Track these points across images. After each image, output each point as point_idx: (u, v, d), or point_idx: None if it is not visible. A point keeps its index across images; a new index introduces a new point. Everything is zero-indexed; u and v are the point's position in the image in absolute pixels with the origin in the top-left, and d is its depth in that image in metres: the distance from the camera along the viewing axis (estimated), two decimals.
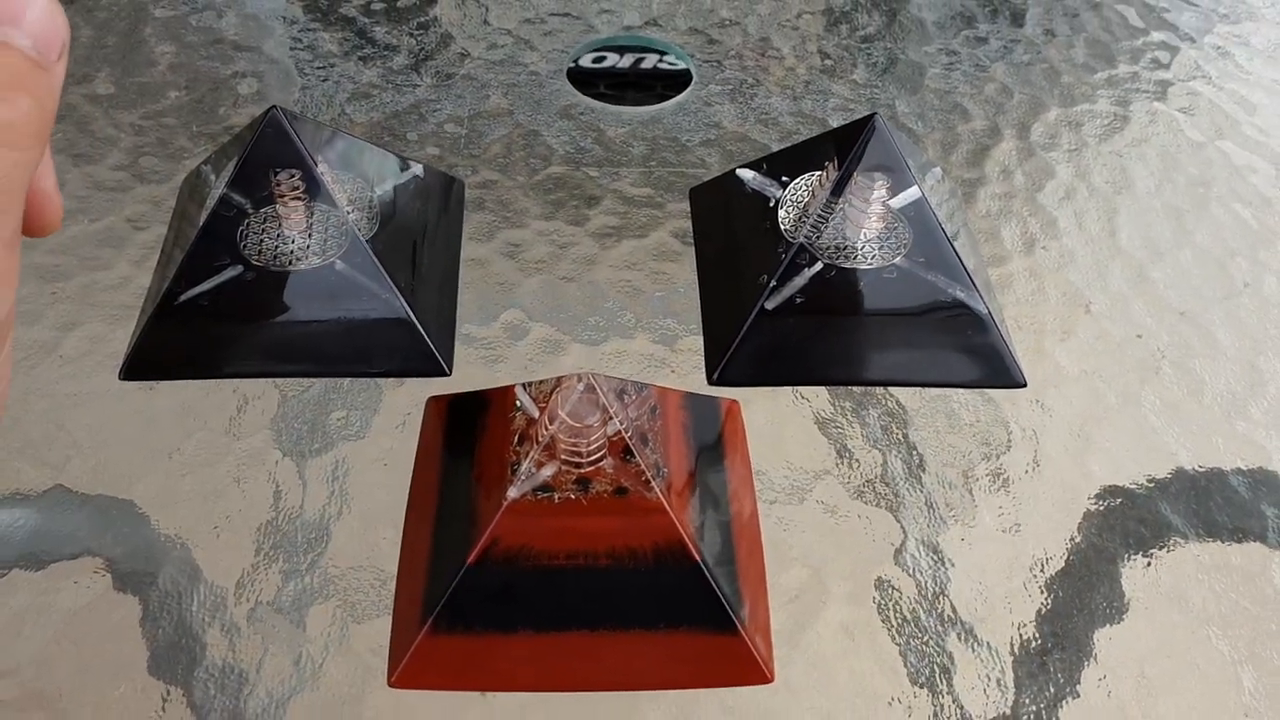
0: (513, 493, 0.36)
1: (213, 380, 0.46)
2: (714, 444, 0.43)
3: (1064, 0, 0.71)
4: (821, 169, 0.49)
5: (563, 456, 0.37)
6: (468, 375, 0.47)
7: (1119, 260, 0.54)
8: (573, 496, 0.37)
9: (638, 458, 0.37)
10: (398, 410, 0.46)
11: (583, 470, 0.37)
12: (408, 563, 0.40)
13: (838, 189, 0.47)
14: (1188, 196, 0.58)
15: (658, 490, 0.37)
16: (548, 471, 0.37)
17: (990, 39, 0.68)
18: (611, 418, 0.37)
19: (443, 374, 0.47)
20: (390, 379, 0.47)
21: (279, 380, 0.47)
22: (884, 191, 0.47)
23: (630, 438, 0.37)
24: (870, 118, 0.47)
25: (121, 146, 0.57)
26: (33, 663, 0.38)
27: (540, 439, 0.37)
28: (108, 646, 0.39)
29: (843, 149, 0.47)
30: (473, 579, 0.36)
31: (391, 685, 0.37)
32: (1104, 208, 0.57)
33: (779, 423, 0.46)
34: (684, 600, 0.37)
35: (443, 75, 0.63)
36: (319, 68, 0.63)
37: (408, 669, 0.37)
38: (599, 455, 0.37)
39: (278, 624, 0.39)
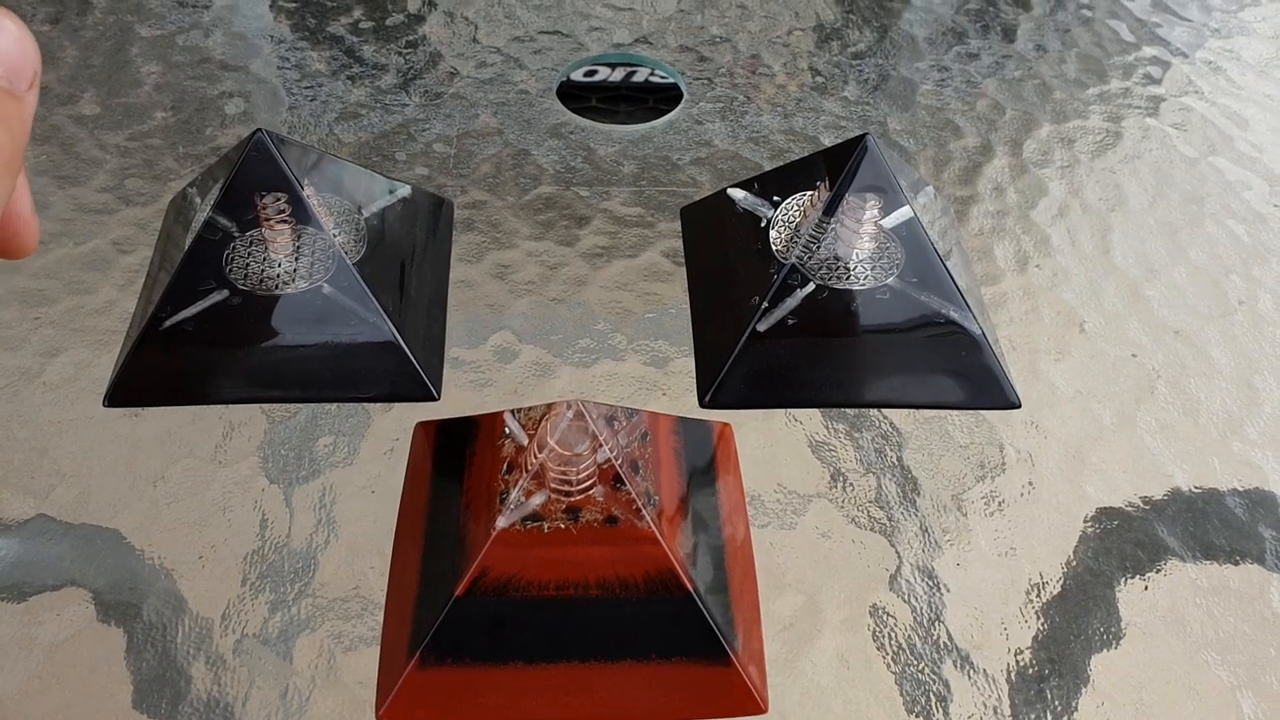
0: (501, 522, 0.36)
1: (199, 406, 0.46)
2: (706, 469, 0.43)
3: (1055, 16, 0.71)
4: (813, 188, 0.49)
5: (552, 485, 0.36)
6: (456, 400, 0.47)
7: (1113, 278, 0.54)
8: (562, 526, 0.36)
9: (628, 486, 0.36)
10: (386, 436, 0.45)
11: (572, 499, 0.36)
12: (396, 593, 0.39)
13: (830, 209, 0.47)
14: (1181, 213, 0.58)
15: (649, 519, 0.36)
16: (537, 500, 0.36)
17: (982, 55, 0.68)
18: (601, 445, 0.36)
19: (431, 398, 0.46)
20: (378, 404, 0.46)
21: (265, 406, 0.46)
22: (876, 211, 0.47)
23: (620, 465, 0.37)
24: (862, 138, 0.46)
25: (107, 168, 0.57)
26: (14, 697, 0.37)
27: (529, 467, 0.36)
28: (91, 680, 0.38)
29: (834, 169, 0.47)
30: (461, 610, 0.36)
31: (380, 719, 0.37)
32: (1097, 225, 0.57)
33: (772, 446, 0.46)
34: (676, 630, 0.37)
35: (431, 94, 0.62)
36: (307, 87, 0.62)
37: (396, 702, 0.37)
38: (589, 484, 0.36)
39: (264, 656, 0.39)
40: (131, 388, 0.46)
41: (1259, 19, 0.72)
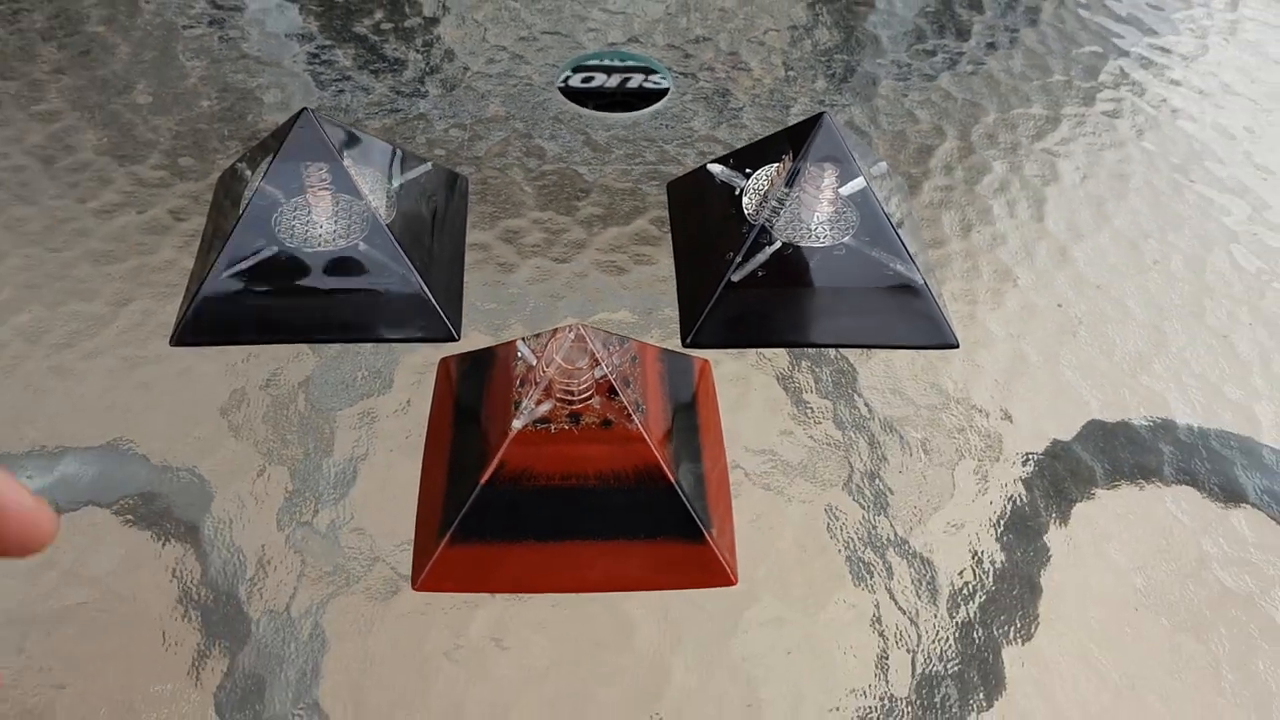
0: (517, 424, 0.43)
1: (252, 346, 0.53)
2: (688, 394, 0.50)
3: (1005, 18, 0.79)
4: (779, 161, 0.57)
5: (558, 395, 0.44)
6: (474, 340, 0.54)
7: (1045, 242, 0.61)
8: (566, 428, 0.44)
9: (621, 396, 0.44)
10: (414, 369, 0.53)
11: (574, 406, 0.44)
12: (427, 490, 0.47)
13: (792, 178, 0.54)
14: (1108, 188, 0.66)
15: (638, 423, 0.44)
16: (545, 407, 0.44)
17: (938, 52, 0.76)
18: (599, 363, 0.44)
19: (452, 339, 0.54)
20: (407, 344, 0.54)
21: (310, 345, 0.53)
22: (833, 179, 0.54)
23: (614, 380, 0.44)
24: (819, 115, 0.54)
25: (161, 148, 0.64)
26: (109, 574, 0.45)
27: (539, 381, 0.44)
28: (170, 565, 0.45)
29: (797, 143, 0.55)
30: (485, 496, 0.43)
31: (416, 589, 0.44)
32: (1033, 198, 0.64)
33: (745, 379, 0.53)
34: (661, 515, 0.44)
35: (447, 86, 0.70)
36: (335, 80, 0.70)
37: (430, 575, 0.44)
38: (588, 394, 0.44)
39: (315, 543, 0.46)
40: (194, 329, 0.53)
41: (1187, 20, 0.80)
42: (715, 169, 0.60)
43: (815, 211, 0.55)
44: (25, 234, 0.59)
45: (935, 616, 0.45)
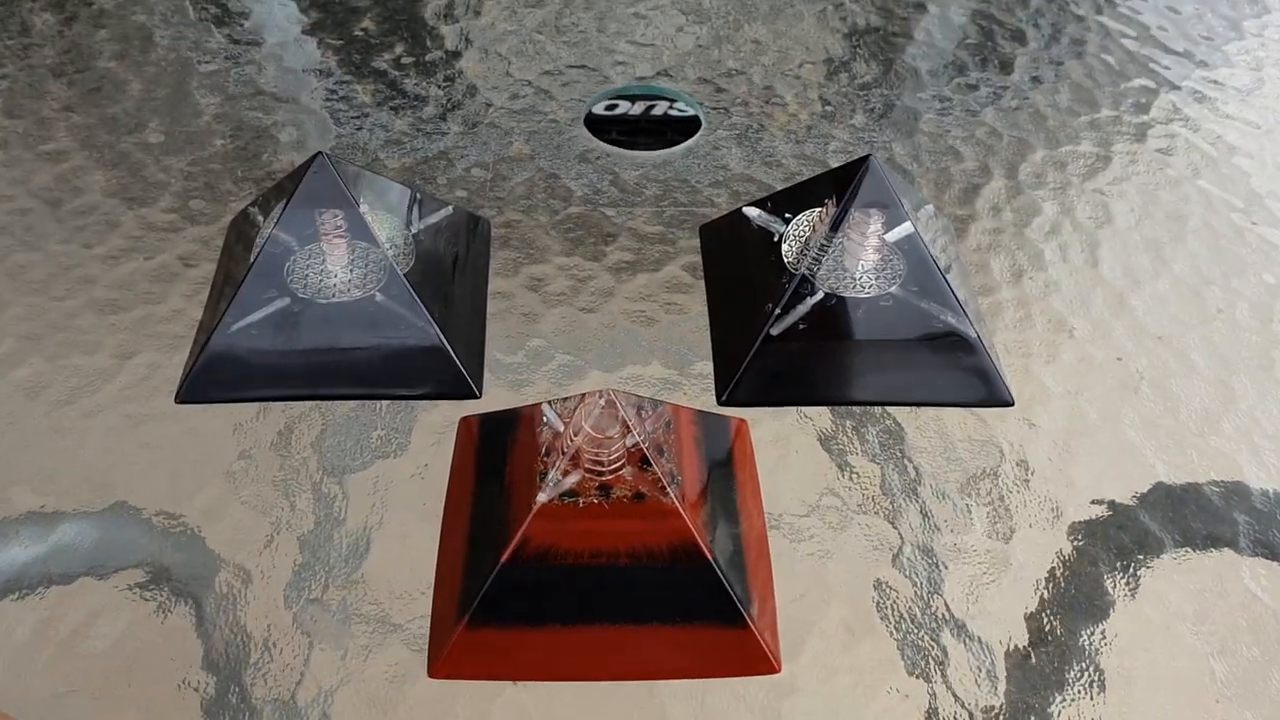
0: (542, 498, 0.40)
1: (262, 403, 0.50)
2: (724, 457, 0.47)
3: (1050, 50, 0.76)
4: (821, 205, 0.53)
5: (586, 465, 0.40)
6: (496, 398, 0.51)
7: (1101, 289, 0.58)
8: (595, 501, 0.40)
9: (654, 467, 0.41)
10: (432, 429, 0.50)
11: (604, 478, 0.41)
12: (445, 565, 0.44)
13: (836, 224, 0.51)
14: (1165, 230, 0.62)
15: (673, 496, 0.40)
16: (573, 479, 0.41)
17: (980, 86, 0.72)
18: (630, 431, 0.41)
19: (473, 396, 0.51)
20: (425, 401, 0.51)
21: (322, 403, 0.50)
22: (879, 226, 0.51)
23: (647, 449, 0.41)
24: (865, 159, 0.51)
25: (172, 190, 0.62)
26: (105, 654, 0.42)
27: (566, 450, 0.41)
28: (168, 645, 0.42)
29: (840, 187, 0.51)
30: (506, 576, 0.40)
31: (431, 676, 0.41)
32: (1087, 241, 0.61)
33: (785, 439, 0.50)
34: (698, 596, 0.41)
35: (469, 123, 0.67)
36: (353, 117, 0.67)
37: (447, 661, 0.41)
38: (619, 464, 0.41)
39: (324, 622, 0.43)
40: (201, 386, 0.50)
41: (1241, 51, 0.76)
42: (752, 213, 0.57)
43: (860, 259, 0.52)
44: (28, 281, 0.56)
45: (996, 707, 0.41)
